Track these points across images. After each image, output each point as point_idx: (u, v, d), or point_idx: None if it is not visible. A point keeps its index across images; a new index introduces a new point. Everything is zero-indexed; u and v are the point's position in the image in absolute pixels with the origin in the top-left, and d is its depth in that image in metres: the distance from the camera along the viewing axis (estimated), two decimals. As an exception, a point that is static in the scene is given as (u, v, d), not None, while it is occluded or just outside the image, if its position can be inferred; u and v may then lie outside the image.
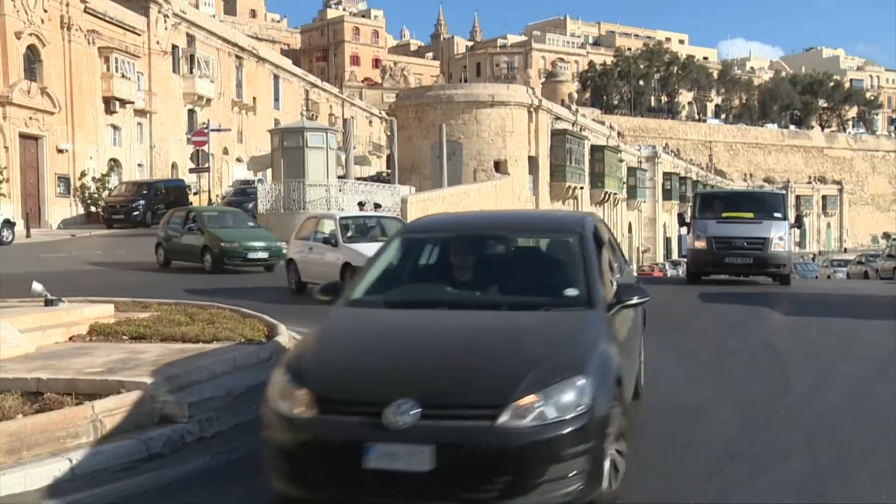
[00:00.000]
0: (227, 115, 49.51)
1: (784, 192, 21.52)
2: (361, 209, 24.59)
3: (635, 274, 11.13)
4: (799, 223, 21.07)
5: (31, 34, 33.10)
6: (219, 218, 21.24)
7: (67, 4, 35.10)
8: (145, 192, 33.97)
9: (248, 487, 4.89)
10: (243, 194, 33.90)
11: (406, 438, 3.85)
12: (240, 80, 52.88)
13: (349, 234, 15.21)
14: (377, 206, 26.59)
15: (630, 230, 69.98)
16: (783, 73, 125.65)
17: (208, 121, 39.97)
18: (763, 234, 17.30)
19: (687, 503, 4.72)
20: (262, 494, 4.44)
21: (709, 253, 17.59)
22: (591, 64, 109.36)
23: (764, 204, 18.86)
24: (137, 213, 32.87)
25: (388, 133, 42.08)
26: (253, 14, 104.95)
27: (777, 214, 18.13)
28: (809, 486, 5.02)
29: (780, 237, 17.34)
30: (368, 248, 12.78)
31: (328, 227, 15.52)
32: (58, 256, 23.07)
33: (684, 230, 20.99)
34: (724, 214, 18.17)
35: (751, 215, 18.01)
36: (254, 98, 54.33)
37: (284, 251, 17.64)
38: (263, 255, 19.78)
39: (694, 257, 18.51)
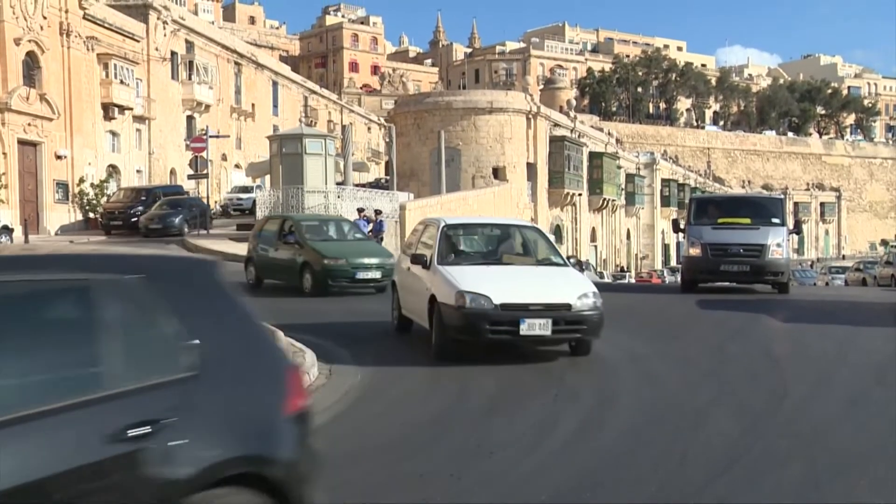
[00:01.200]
0: (225, 122, 49.54)
1: (782, 196, 20.73)
2: (360, 216, 24.54)
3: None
4: (798, 229, 19.97)
5: (30, 40, 33.13)
6: (320, 229, 18.66)
7: (67, 11, 35.14)
8: (143, 198, 33.74)
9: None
10: (171, 206, 30.90)
11: None
12: (238, 87, 52.92)
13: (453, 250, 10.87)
14: (378, 212, 26.46)
15: (628, 237, 70.08)
16: (781, 80, 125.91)
17: (207, 127, 40.01)
18: (760, 240, 16.72)
19: (685, 509, 4.73)
20: None
21: (704, 260, 16.98)
22: (589, 71, 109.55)
23: (761, 209, 18.22)
24: (136, 219, 32.60)
25: (387, 139, 42.12)
26: (252, 21, 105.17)
27: (775, 220, 17.57)
28: (808, 492, 5.02)
29: (777, 244, 16.73)
30: (473, 275, 9.61)
31: (427, 238, 11.11)
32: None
33: (681, 236, 20.78)
34: (720, 220, 17.56)
35: (748, 221, 17.47)
36: (252, 104, 54.37)
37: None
38: (375, 273, 16.52)
39: (688, 265, 17.99)
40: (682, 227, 18.76)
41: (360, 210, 25.41)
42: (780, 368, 8.98)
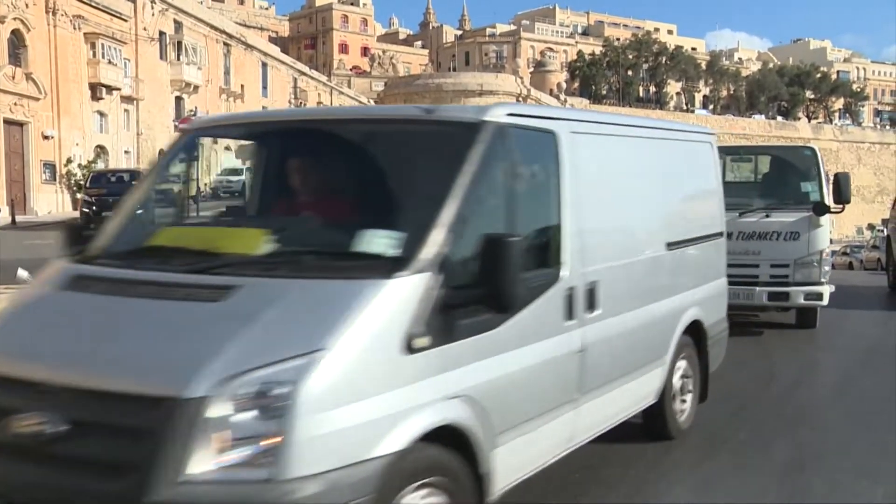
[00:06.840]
0: (214, 103, 49.25)
1: (814, 148, 10.52)
2: None
3: None
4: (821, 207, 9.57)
5: (15, 19, 32.78)
6: None
7: (53, -11, 34.79)
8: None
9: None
10: None
11: None
12: (228, 68, 52.59)
13: None
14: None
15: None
16: (770, 65, 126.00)
17: (196, 108, 39.81)
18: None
19: (667, 503, 4.77)
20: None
21: None
22: (579, 54, 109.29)
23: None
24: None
25: (377, 121, 42.00)
26: (241, 1, 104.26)
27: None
28: (793, 473, 5.08)
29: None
30: None
31: None
32: (44, 243, 22.92)
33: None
34: None
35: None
36: (242, 86, 54.06)
37: None
38: None
39: None
40: None
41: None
42: (767, 352, 9.04)
